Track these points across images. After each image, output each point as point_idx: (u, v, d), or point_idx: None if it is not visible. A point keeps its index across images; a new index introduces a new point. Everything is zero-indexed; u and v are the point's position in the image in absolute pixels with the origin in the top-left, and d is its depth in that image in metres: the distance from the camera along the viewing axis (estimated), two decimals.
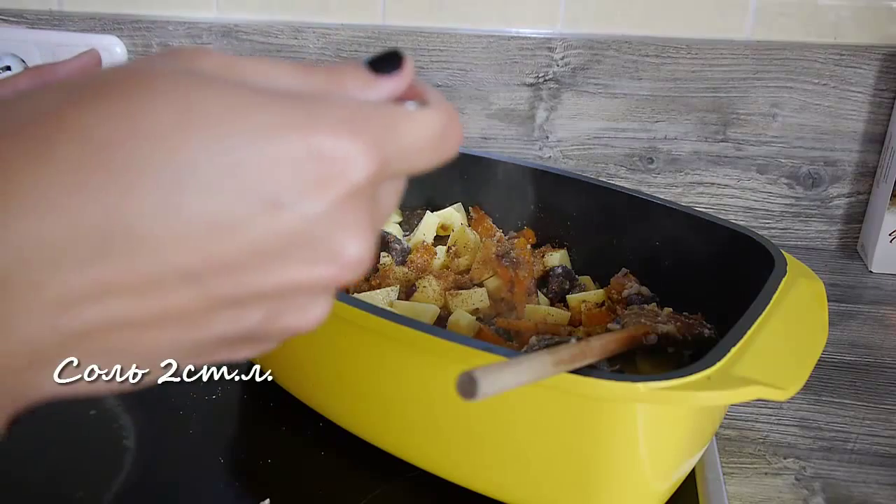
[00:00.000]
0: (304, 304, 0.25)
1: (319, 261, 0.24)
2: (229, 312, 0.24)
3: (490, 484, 0.52)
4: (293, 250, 0.23)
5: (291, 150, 0.22)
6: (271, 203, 0.22)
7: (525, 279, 0.64)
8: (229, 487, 0.55)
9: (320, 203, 0.23)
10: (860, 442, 0.62)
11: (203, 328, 0.24)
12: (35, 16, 0.92)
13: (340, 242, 0.24)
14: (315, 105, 0.23)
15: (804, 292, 0.52)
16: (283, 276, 0.23)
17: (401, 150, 0.25)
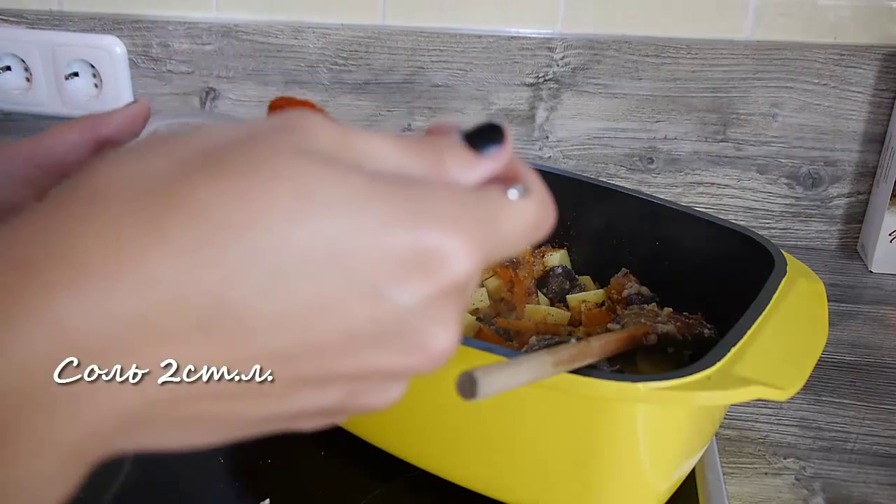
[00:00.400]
0: (384, 387, 0.26)
1: (409, 350, 0.24)
2: (312, 391, 0.24)
3: (490, 484, 0.52)
4: (385, 338, 0.23)
5: (398, 244, 0.22)
6: (371, 293, 0.22)
7: (525, 279, 0.64)
8: (229, 487, 0.55)
9: (418, 296, 0.23)
10: (860, 442, 0.62)
11: (284, 404, 0.24)
12: (35, 16, 0.92)
13: (432, 335, 0.24)
14: (424, 197, 0.23)
15: (804, 292, 0.52)
16: (371, 362, 0.24)
17: (500, 242, 0.25)
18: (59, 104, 0.93)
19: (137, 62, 0.93)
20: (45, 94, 0.93)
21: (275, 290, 0.21)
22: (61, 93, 0.93)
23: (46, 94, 0.93)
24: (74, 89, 0.93)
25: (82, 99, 0.93)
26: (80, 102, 0.93)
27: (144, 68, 0.93)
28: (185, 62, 0.92)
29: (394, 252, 0.22)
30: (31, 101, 0.94)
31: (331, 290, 0.22)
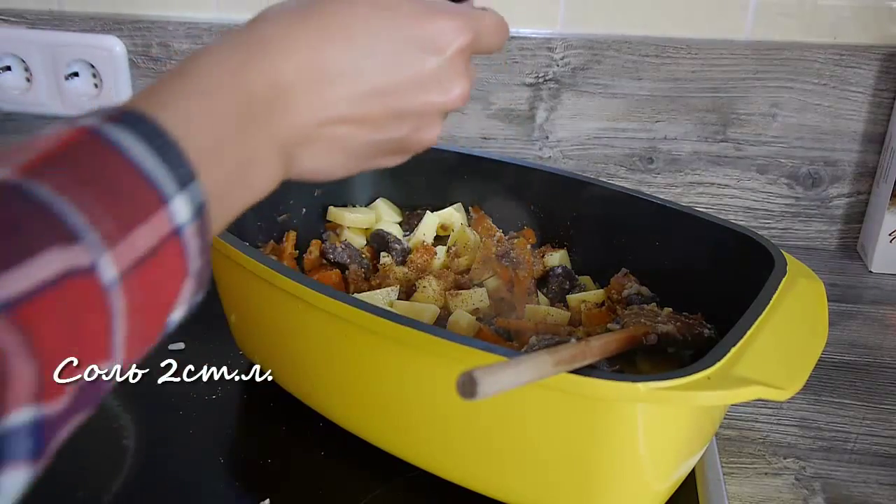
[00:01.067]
0: (430, 123, 0.41)
1: (443, 93, 0.40)
2: (395, 122, 0.40)
3: (490, 484, 0.52)
4: (429, 84, 0.39)
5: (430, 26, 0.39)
6: (420, 56, 0.39)
7: (525, 279, 0.64)
8: (229, 487, 0.55)
9: (444, 56, 0.39)
10: (860, 442, 0.62)
11: (382, 131, 0.39)
12: (35, 16, 0.92)
13: (455, 83, 0.40)
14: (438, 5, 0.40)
15: (804, 292, 0.52)
16: (424, 100, 0.40)
17: (481, 30, 0.41)
18: (59, 104, 0.93)
19: (137, 62, 0.93)
20: (45, 94, 0.93)
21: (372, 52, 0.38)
22: (61, 93, 0.93)
23: (46, 94, 0.93)
24: (74, 89, 0.93)
25: (82, 99, 0.93)
26: (80, 102, 0.93)
27: (144, 68, 0.93)
28: None
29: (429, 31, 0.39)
30: (31, 101, 0.94)
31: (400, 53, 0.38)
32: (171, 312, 0.32)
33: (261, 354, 0.64)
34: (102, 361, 0.28)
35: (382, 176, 0.77)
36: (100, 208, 0.27)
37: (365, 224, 0.74)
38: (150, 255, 0.29)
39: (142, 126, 0.30)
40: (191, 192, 0.31)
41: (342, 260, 0.68)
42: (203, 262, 0.32)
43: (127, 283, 0.28)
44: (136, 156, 0.29)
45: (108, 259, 0.27)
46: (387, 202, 0.77)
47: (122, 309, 0.28)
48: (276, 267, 0.53)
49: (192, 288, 0.32)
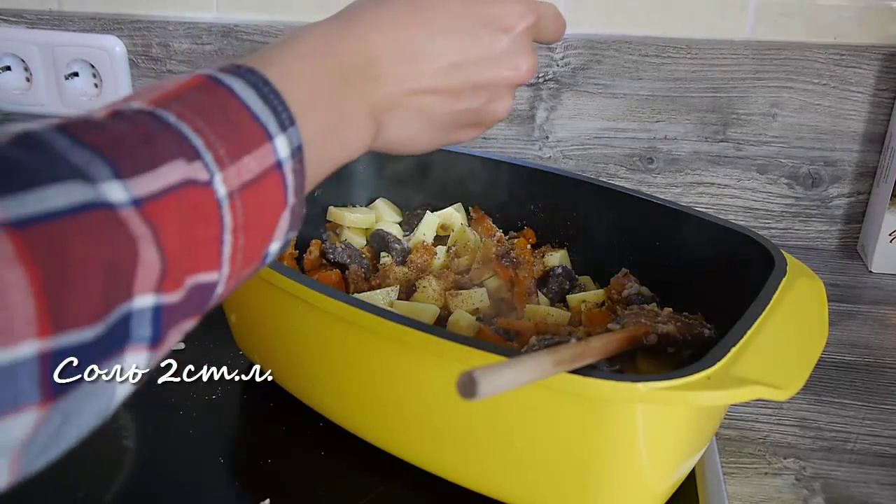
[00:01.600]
0: (502, 96, 0.45)
1: (513, 66, 0.44)
2: (472, 93, 0.43)
3: (490, 484, 0.52)
4: (501, 59, 0.43)
5: (500, 8, 0.43)
6: (492, 34, 0.43)
7: (525, 279, 0.64)
8: (229, 487, 0.55)
9: (512, 34, 0.43)
10: (860, 442, 0.62)
11: (461, 101, 0.43)
12: (35, 16, 0.92)
13: (522, 57, 0.44)
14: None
15: (804, 292, 0.52)
16: (497, 73, 0.43)
17: (542, 15, 0.45)
18: (59, 104, 0.93)
19: (137, 62, 0.93)
20: (45, 94, 0.93)
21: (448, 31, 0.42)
22: (61, 93, 0.92)
23: (46, 94, 0.93)
24: (74, 89, 0.93)
25: (82, 99, 0.93)
26: (80, 102, 0.93)
27: (144, 68, 0.93)
28: (185, 62, 0.92)
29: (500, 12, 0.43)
30: (31, 101, 0.94)
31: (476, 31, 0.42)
32: (270, 242, 0.35)
33: (261, 354, 0.64)
34: (211, 269, 0.32)
35: (382, 176, 0.77)
36: (215, 135, 0.32)
37: (365, 224, 0.74)
38: (256, 181, 0.33)
39: (250, 76, 0.35)
40: (290, 135, 0.35)
41: (342, 260, 0.68)
42: (298, 200, 0.36)
43: (236, 202, 0.32)
44: (245, 98, 0.34)
45: (221, 177, 0.31)
46: (387, 202, 0.77)
47: (231, 224, 0.32)
48: (276, 267, 0.53)
49: (288, 222, 0.36)
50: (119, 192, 0.28)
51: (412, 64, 0.41)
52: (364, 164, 0.77)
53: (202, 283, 0.32)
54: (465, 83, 0.43)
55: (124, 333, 0.28)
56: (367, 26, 0.40)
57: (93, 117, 0.30)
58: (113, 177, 0.28)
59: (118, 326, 0.28)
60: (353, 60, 0.39)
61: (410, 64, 0.41)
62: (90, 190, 0.27)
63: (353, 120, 0.40)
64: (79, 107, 0.93)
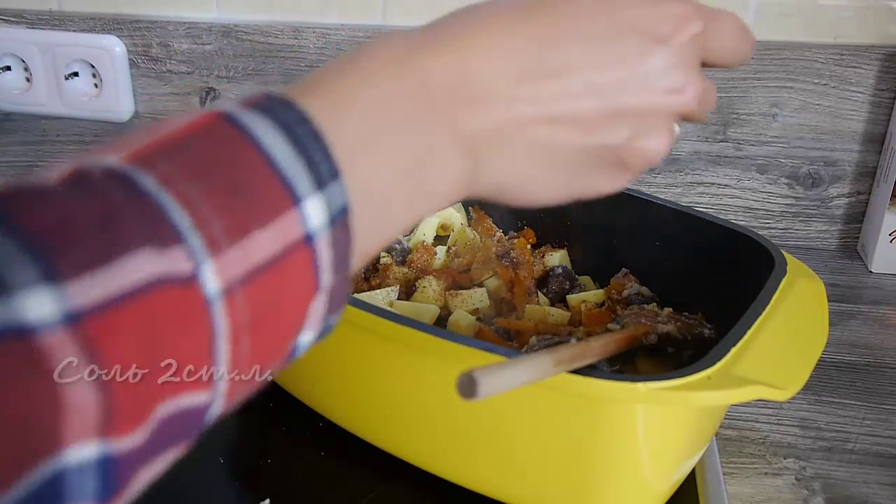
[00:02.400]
0: (655, 128, 0.34)
1: (671, 90, 0.33)
2: (610, 124, 0.33)
3: (490, 484, 0.52)
4: (654, 79, 0.33)
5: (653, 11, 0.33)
6: (642, 45, 0.32)
7: (525, 279, 0.64)
8: (229, 487, 0.55)
9: (670, 46, 0.33)
10: (860, 442, 0.62)
11: (595, 134, 0.32)
12: (35, 16, 0.92)
13: (684, 77, 0.33)
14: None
15: (804, 292, 0.52)
16: (647, 98, 0.33)
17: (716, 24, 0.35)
18: (59, 104, 0.93)
19: (137, 62, 0.92)
20: (45, 94, 0.93)
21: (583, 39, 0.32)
22: (61, 93, 0.92)
23: (46, 94, 0.93)
24: (74, 89, 0.93)
25: (82, 99, 0.93)
26: (80, 102, 0.93)
27: (144, 68, 0.93)
28: (185, 62, 0.92)
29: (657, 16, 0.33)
30: (31, 101, 0.94)
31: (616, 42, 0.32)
32: (296, 336, 0.27)
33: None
34: (197, 389, 0.24)
35: None
36: (210, 206, 0.23)
37: None
38: (269, 266, 0.24)
39: (282, 112, 0.26)
40: (329, 193, 0.26)
41: None
42: (339, 278, 0.27)
43: (236, 298, 0.24)
44: (267, 146, 0.25)
45: (213, 268, 0.23)
46: None
47: (227, 328, 0.24)
48: None
49: (324, 307, 0.27)
50: (46, 306, 0.20)
51: (529, 82, 0.31)
52: None
53: (184, 410, 0.24)
54: (602, 110, 0.32)
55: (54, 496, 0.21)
56: (467, 34, 0.31)
57: (45, 184, 0.22)
58: (41, 280, 0.20)
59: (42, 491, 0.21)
60: (443, 78, 0.30)
61: (526, 82, 0.31)
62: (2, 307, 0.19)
63: (440, 158, 0.30)
64: (79, 107, 0.93)
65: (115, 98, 0.92)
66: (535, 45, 0.31)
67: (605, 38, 0.32)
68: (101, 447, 0.21)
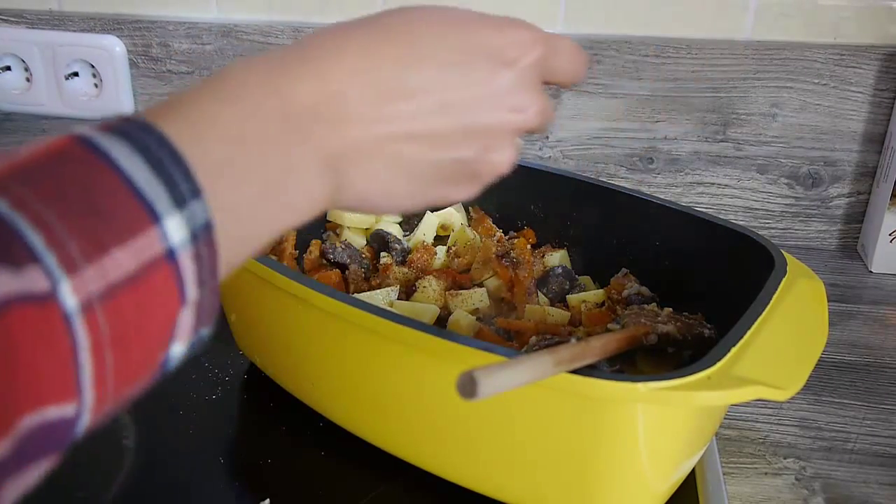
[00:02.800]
0: (502, 143, 0.37)
1: (516, 108, 0.36)
2: (463, 140, 0.35)
3: (490, 484, 0.52)
4: (501, 98, 0.36)
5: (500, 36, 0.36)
6: (490, 67, 0.35)
7: (525, 279, 0.64)
8: (229, 487, 0.55)
9: (515, 68, 0.36)
10: (860, 442, 0.62)
11: (448, 149, 0.35)
12: (35, 16, 0.92)
13: (528, 97, 0.37)
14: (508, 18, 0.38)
15: (804, 292, 0.52)
16: (495, 116, 0.36)
17: (554, 48, 0.38)
18: (59, 104, 0.93)
19: (137, 62, 0.92)
20: (45, 94, 0.93)
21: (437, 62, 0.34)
22: (61, 93, 0.92)
23: (46, 94, 0.93)
24: (74, 89, 0.93)
25: (82, 99, 0.93)
26: (80, 102, 0.93)
27: (144, 68, 0.93)
28: (185, 62, 0.92)
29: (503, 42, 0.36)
30: (31, 101, 0.94)
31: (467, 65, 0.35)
32: (165, 349, 0.28)
33: (261, 354, 0.64)
34: (63, 400, 0.24)
35: None
36: (65, 226, 0.24)
37: (365, 224, 0.74)
38: (129, 282, 0.25)
39: (141, 135, 0.27)
40: (190, 211, 0.27)
41: (342, 260, 0.68)
42: (206, 291, 0.28)
43: (96, 314, 0.24)
44: (125, 168, 0.26)
45: (69, 285, 0.24)
46: None
47: (88, 342, 0.24)
48: (276, 267, 0.53)
49: (192, 320, 0.28)
50: None
51: (387, 103, 0.33)
52: None
53: (50, 422, 0.24)
54: (455, 127, 0.35)
55: None
56: (329, 55, 0.32)
57: None
58: None
59: None
60: (305, 98, 0.31)
61: (384, 102, 0.33)
62: None
63: (302, 176, 0.31)
64: (79, 107, 0.93)
65: (115, 98, 0.92)
66: (392, 66, 0.33)
67: (457, 61, 0.34)
68: None
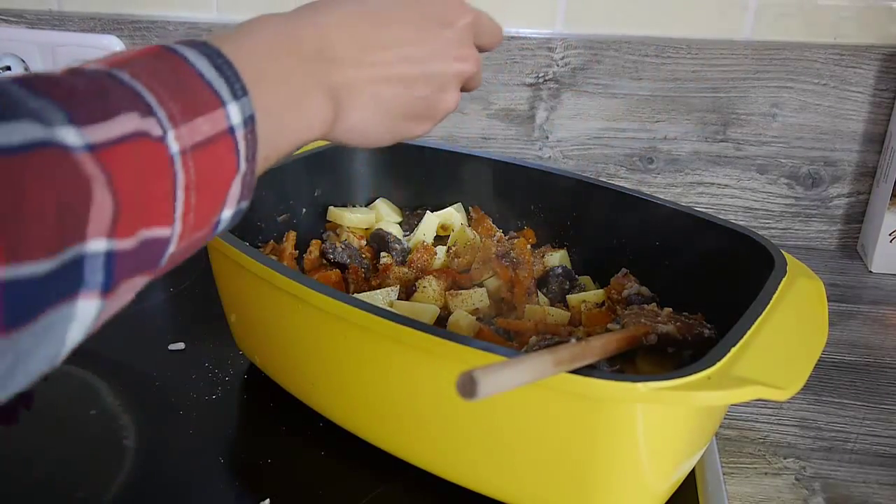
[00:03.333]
0: (451, 87, 0.47)
1: (459, 59, 0.47)
2: (424, 83, 0.45)
3: (490, 484, 0.52)
4: (447, 50, 0.46)
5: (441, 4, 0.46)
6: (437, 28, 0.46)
7: (525, 279, 0.64)
8: (229, 487, 0.55)
9: (454, 28, 0.47)
10: (860, 442, 0.62)
11: (412, 90, 0.45)
12: (35, 16, 0.92)
13: (465, 51, 0.47)
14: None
15: (804, 292, 0.52)
16: (445, 65, 0.46)
17: (480, 16, 0.49)
18: None
19: None
20: None
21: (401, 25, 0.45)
22: None
23: None
24: None
25: None
26: None
27: None
28: None
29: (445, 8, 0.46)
30: None
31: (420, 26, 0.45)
32: (222, 208, 0.36)
33: (261, 354, 0.64)
34: (164, 225, 0.32)
35: (382, 176, 0.77)
36: (168, 95, 0.32)
37: (365, 224, 0.74)
38: (209, 142, 0.33)
39: (204, 48, 0.36)
40: (242, 104, 0.35)
41: (342, 260, 0.68)
42: (249, 169, 0.36)
43: (188, 160, 0.32)
44: (199, 66, 0.35)
45: (173, 134, 0.32)
46: (387, 202, 0.77)
47: (183, 181, 0.32)
48: (276, 267, 0.53)
49: (239, 190, 0.36)
50: (73, 137, 0.29)
51: (367, 52, 0.43)
52: (364, 164, 0.77)
53: (155, 238, 0.32)
54: (417, 73, 0.45)
55: (77, 275, 0.29)
56: (321, 17, 0.42)
57: (50, 73, 0.31)
58: (68, 122, 0.29)
59: (71, 267, 0.28)
60: (309, 43, 0.41)
61: (365, 52, 0.43)
62: (46, 130, 0.28)
63: (311, 96, 0.41)
64: None
65: None
66: (370, 28, 0.43)
67: (416, 22, 0.45)
68: (109, 244, 0.29)
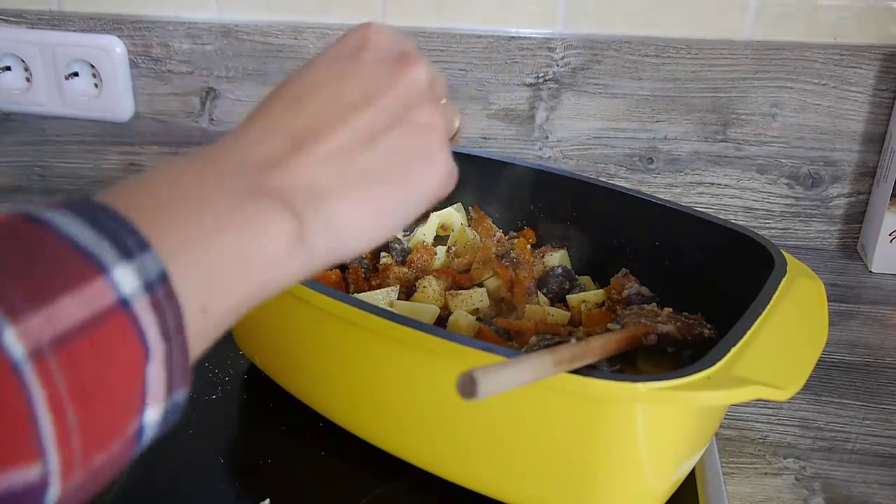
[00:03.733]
0: (417, 104, 0.39)
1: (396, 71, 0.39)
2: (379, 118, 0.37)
3: (490, 484, 0.52)
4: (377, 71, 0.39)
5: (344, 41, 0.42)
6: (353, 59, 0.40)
7: (525, 279, 0.64)
8: (229, 487, 0.55)
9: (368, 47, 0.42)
10: (860, 442, 0.62)
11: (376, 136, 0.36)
12: (35, 16, 0.92)
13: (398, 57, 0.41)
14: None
15: (804, 292, 0.52)
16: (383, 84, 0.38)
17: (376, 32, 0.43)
18: (59, 104, 0.93)
19: (137, 62, 0.92)
20: (45, 94, 0.93)
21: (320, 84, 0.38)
22: (61, 93, 0.92)
23: (46, 94, 0.93)
24: (74, 89, 0.93)
25: (82, 99, 0.93)
26: (80, 102, 0.93)
27: (144, 68, 0.93)
28: (185, 62, 0.92)
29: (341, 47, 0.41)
30: (31, 101, 0.94)
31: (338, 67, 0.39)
32: (137, 411, 0.27)
33: (261, 354, 0.64)
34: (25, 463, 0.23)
35: None
36: (5, 280, 0.24)
37: None
38: (81, 331, 0.24)
39: (81, 206, 0.27)
40: (141, 261, 0.26)
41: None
42: (174, 346, 0.27)
43: (47, 363, 0.23)
44: (68, 230, 0.26)
45: (14, 333, 0.23)
46: None
47: (44, 395, 0.23)
48: None
49: (163, 378, 0.28)
50: None
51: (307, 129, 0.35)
52: None
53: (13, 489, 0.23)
54: (367, 114, 0.37)
55: None
56: (244, 122, 0.35)
57: None
58: None
59: None
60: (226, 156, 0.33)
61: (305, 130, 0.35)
62: None
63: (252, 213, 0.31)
64: (79, 107, 0.93)
65: (115, 98, 0.92)
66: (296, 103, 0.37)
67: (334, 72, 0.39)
68: None
